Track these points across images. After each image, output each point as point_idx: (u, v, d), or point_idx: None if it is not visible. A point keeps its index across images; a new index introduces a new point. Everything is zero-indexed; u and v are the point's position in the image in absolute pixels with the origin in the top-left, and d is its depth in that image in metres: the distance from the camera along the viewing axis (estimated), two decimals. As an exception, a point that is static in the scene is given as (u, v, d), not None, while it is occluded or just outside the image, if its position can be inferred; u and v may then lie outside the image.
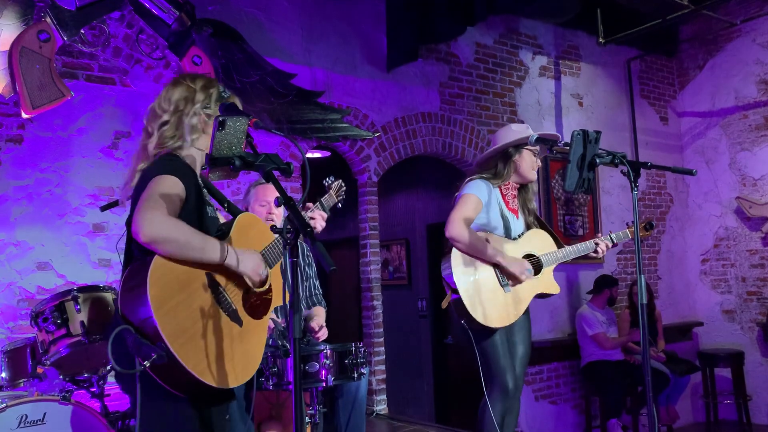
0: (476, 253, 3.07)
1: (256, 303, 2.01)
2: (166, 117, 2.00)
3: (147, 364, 1.61)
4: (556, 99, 6.65)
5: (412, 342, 7.17)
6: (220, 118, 1.58)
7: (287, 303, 1.58)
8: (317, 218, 2.40)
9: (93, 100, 4.14)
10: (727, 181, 7.35)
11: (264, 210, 3.29)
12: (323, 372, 2.69)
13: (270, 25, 4.88)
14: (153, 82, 4.35)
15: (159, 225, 1.75)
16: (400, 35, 5.21)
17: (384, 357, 5.26)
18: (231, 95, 2.16)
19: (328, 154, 6.12)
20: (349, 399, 3.11)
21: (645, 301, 2.38)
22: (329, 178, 2.79)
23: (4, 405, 2.39)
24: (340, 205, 2.76)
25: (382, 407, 5.20)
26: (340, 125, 5.03)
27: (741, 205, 7.13)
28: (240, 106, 2.13)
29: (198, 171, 2.05)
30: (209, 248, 1.83)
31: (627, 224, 3.63)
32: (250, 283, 1.94)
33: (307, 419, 2.79)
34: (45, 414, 2.43)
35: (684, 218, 7.67)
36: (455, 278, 3.02)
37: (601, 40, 6.25)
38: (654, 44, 7.28)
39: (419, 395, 7.04)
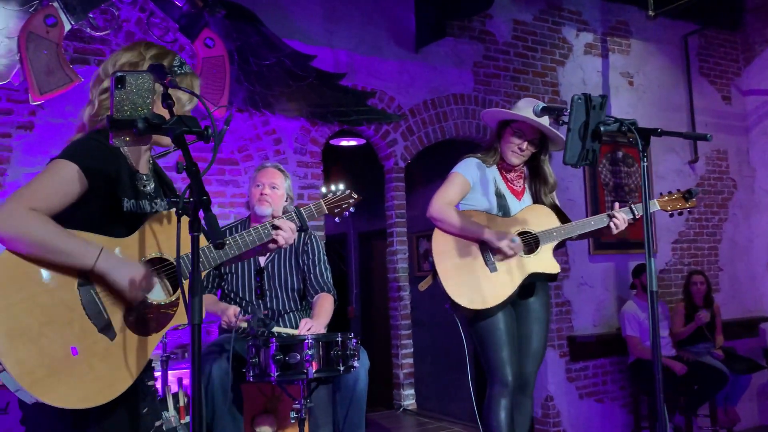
0: (459, 231, 2.82)
1: (149, 316, 1.73)
2: (107, 83, 1.81)
3: None
4: (603, 78, 6.24)
5: (454, 336, 6.91)
6: (118, 74, 1.40)
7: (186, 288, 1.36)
8: (283, 227, 2.02)
9: (105, 85, 4.08)
10: (797, 164, 6.75)
11: (257, 191, 3.16)
12: (305, 364, 2.50)
13: (289, 6, 4.72)
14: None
15: (13, 220, 1.56)
16: (427, 12, 4.96)
17: (412, 350, 5.04)
18: (189, 73, 1.88)
19: (363, 141, 5.94)
20: (347, 393, 2.93)
21: (655, 288, 2.09)
22: (336, 187, 2.40)
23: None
24: (338, 219, 2.39)
25: (410, 402, 4.98)
26: (363, 108, 4.82)
27: (813, 190, 6.53)
28: (197, 87, 1.90)
29: (138, 154, 1.84)
30: (75, 252, 1.61)
31: (661, 194, 3.19)
32: (128, 297, 1.67)
33: (293, 414, 2.60)
34: (8, 403, 2.36)
35: (749, 205, 7.08)
36: (435, 260, 2.79)
37: (650, 12, 5.80)
38: (714, 17, 6.73)
39: (460, 390, 6.78)
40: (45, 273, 1.60)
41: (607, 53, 6.27)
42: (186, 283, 1.37)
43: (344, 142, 6.59)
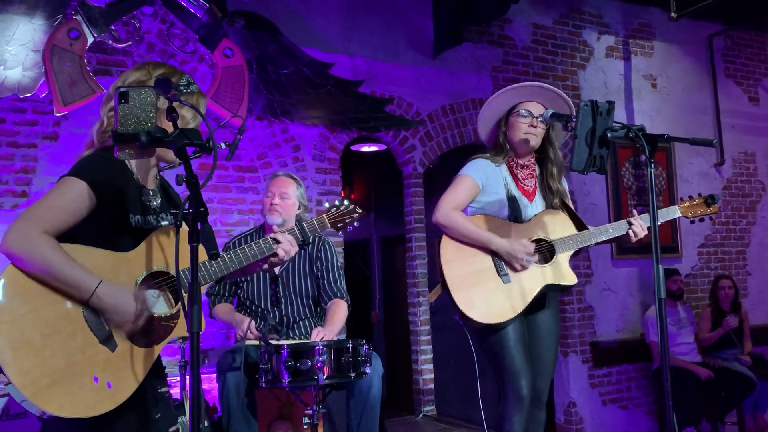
0: (468, 238, 2.69)
1: (150, 328, 1.77)
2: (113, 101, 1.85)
3: None
4: (625, 81, 6.17)
5: (477, 341, 6.87)
6: (122, 90, 1.45)
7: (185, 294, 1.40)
8: (283, 242, 2.03)
9: (127, 96, 4.17)
10: (828, 165, 6.59)
11: (268, 201, 3.20)
12: (316, 370, 2.53)
13: (308, 15, 4.77)
14: (187, 77, 4.34)
15: (23, 241, 1.62)
16: (445, 18, 4.98)
17: (431, 356, 5.04)
18: (195, 92, 1.90)
19: (384, 147, 5.97)
20: (361, 399, 2.95)
21: (663, 296, 2.07)
22: (342, 201, 2.37)
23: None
24: (340, 234, 2.40)
25: (430, 408, 4.98)
26: (381, 115, 4.85)
27: None
28: (203, 107, 1.93)
29: (145, 170, 1.89)
30: (74, 285, 1.66)
31: (681, 199, 3.11)
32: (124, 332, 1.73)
33: (306, 420, 2.63)
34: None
35: (779, 208, 6.94)
36: (444, 269, 2.67)
37: (673, 14, 5.73)
38: (740, 17, 6.62)
39: (485, 396, 6.74)
40: (50, 286, 1.65)
41: (630, 56, 6.21)
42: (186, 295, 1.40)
43: (365, 148, 6.62)
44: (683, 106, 6.43)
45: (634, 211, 2.89)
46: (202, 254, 1.53)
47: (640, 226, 2.79)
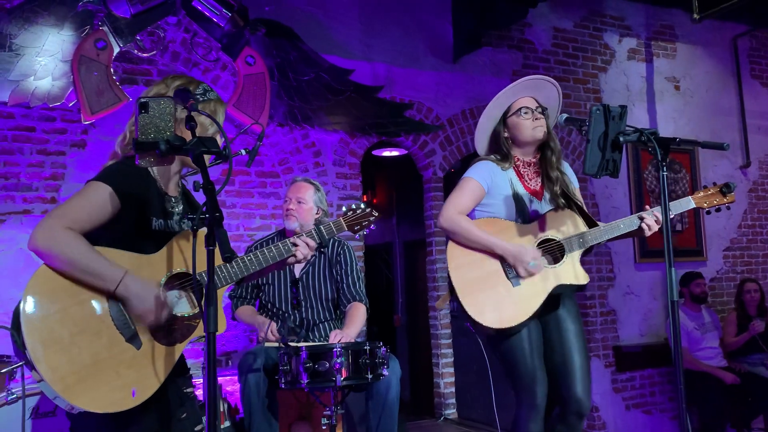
0: (473, 243, 2.62)
1: (174, 327, 1.86)
2: None
3: (15, 366, 1.61)
4: (647, 84, 6.14)
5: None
6: (142, 100, 1.51)
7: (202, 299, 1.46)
8: (300, 245, 2.12)
9: (152, 104, 4.27)
10: None
11: (285, 206, 3.27)
12: (334, 371, 2.57)
13: (328, 22, 4.84)
14: (210, 85, 4.43)
15: (49, 237, 1.71)
16: (464, 22, 5.02)
17: (452, 360, 5.06)
18: (213, 99, 1.96)
19: (405, 152, 6.01)
20: (379, 401, 2.98)
21: (675, 298, 2.07)
22: (358, 204, 2.44)
23: (15, 397, 2.49)
24: (357, 236, 2.45)
25: (451, 411, 5.00)
26: (401, 120, 4.89)
27: None
28: (221, 113, 1.99)
29: (167, 177, 1.97)
30: (101, 275, 1.74)
31: (695, 190, 2.98)
32: (143, 323, 1.80)
33: (325, 420, 2.68)
34: (56, 407, 2.50)
35: (807, 210, 6.83)
36: (451, 275, 2.61)
37: (695, 15, 5.69)
38: (766, 17, 6.54)
39: (505, 400, 6.73)
40: (78, 286, 1.74)
41: (652, 58, 6.17)
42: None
43: (386, 153, 6.67)
44: (707, 108, 6.37)
45: (647, 206, 2.80)
46: (219, 257, 1.59)
47: (653, 218, 2.70)
